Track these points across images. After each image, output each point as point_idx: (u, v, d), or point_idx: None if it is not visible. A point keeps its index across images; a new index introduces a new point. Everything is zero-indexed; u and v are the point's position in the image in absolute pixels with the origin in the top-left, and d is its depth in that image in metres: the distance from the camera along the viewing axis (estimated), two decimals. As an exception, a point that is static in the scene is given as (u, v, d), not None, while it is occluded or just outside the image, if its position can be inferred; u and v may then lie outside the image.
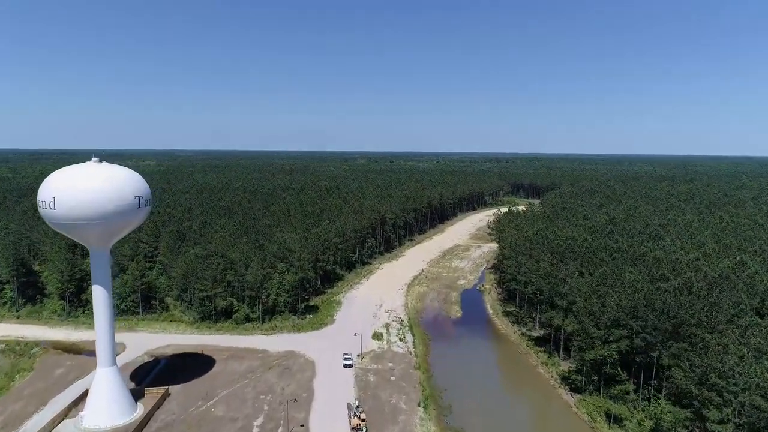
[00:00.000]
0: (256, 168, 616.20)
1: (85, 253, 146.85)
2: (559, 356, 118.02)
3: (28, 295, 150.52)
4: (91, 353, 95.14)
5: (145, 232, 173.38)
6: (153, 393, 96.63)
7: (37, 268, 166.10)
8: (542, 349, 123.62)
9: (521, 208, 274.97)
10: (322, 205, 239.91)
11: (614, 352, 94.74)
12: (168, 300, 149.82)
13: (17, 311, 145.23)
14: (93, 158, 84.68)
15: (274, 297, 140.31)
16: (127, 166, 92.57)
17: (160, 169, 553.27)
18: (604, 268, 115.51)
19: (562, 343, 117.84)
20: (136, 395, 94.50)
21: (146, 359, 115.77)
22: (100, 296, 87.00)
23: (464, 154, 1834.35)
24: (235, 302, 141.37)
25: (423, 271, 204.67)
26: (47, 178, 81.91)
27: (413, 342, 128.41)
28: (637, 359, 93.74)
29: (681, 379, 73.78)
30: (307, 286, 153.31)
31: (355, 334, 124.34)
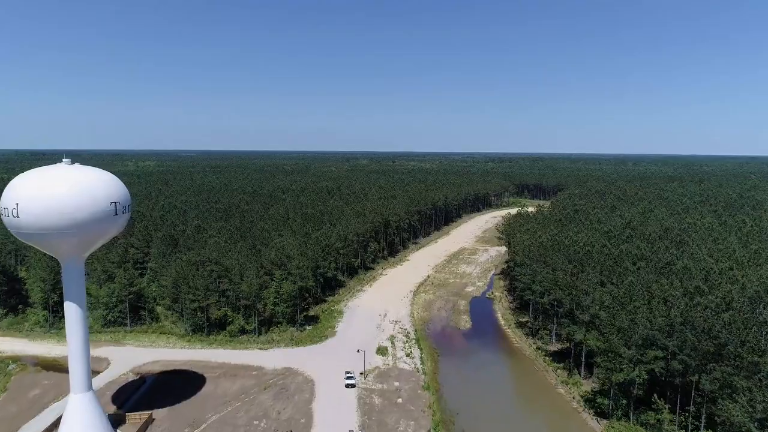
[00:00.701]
0: (257, 168, 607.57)
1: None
2: (580, 374, 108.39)
3: (10, 304, 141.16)
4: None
5: (136, 236, 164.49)
6: (135, 419, 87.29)
7: (23, 274, 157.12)
8: (561, 365, 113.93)
9: (531, 209, 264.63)
10: (323, 208, 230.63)
11: (644, 374, 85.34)
12: (159, 310, 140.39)
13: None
14: (64, 159, 75.34)
15: (271, 307, 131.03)
16: (127, 167, 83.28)
17: (160, 170, 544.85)
18: (630, 279, 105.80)
19: (583, 359, 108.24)
20: (116, 421, 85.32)
21: (131, 377, 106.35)
22: (73, 314, 77.53)
23: (466, 153, 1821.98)
24: (230, 313, 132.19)
25: (429, 276, 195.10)
26: (10, 182, 72.65)
27: (421, 357, 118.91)
28: (675, 381, 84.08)
29: (737, 416, 64.13)
30: (307, 295, 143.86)
31: (358, 351, 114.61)
